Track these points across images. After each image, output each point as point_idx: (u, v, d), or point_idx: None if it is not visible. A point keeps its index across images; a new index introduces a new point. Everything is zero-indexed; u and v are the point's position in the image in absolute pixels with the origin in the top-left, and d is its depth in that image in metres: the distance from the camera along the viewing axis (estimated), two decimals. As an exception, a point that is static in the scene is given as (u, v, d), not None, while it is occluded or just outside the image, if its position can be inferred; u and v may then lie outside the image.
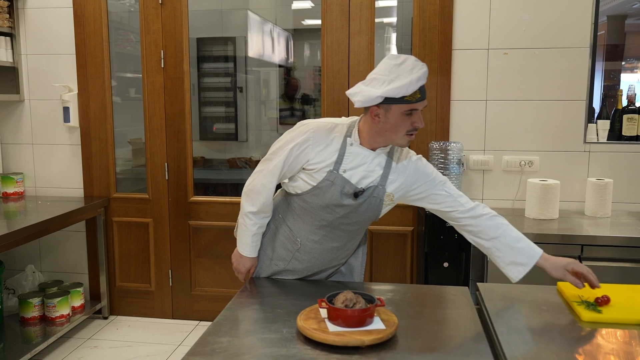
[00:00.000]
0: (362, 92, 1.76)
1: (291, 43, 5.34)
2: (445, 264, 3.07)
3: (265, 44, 5.08)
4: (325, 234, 1.96)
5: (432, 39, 3.18)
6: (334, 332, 1.53)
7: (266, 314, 1.77)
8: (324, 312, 1.63)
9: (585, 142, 3.15)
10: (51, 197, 3.59)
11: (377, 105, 1.76)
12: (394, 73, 1.73)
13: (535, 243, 2.68)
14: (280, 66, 5.13)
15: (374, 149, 1.87)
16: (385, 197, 1.89)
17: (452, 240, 3.02)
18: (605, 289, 1.80)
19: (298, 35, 5.25)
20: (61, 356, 3.15)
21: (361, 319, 1.56)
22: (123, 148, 4.03)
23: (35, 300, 3.31)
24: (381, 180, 1.88)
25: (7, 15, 3.42)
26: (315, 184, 1.87)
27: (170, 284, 3.63)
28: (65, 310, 3.35)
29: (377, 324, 1.57)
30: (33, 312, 3.31)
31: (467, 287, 1.97)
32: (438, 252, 3.06)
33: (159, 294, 3.65)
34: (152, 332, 3.48)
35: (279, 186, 2.05)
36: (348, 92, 1.82)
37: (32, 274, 3.58)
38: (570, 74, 3.10)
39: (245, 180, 2.00)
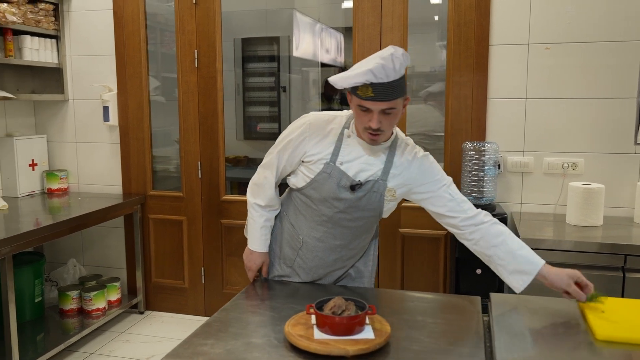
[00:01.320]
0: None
1: (342, 42, 5.27)
2: (478, 271, 2.92)
3: (311, 44, 5.04)
4: (327, 230, 1.90)
5: (467, 34, 3.03)
6: (318, 339, 1.46)
7: (260, 318, 1.72)
8: (314, 319, 1.57)
9: (636, 143, 2.89)
10: (92, 194, 3.71)
11: (349, 92, 1.73)
12: (362, 62, 1.66)
13: (574, 252, 2.53)
14: (328, 65, 5.07)
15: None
16: (386, 192, 1.82)
17: (485, 246, 2.85)
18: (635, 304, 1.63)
19: (350, 34, 5.17)
20: (94, 348, 3.24)
21: (349, 327, 1.48)
22: (169, 147, 4.12)
23: (74, 293, 3.43)
24: (382, 175, 1.81)
25: (53, 19, 3.56)
26: (312, 177, 1.84)
27: (203, 282, 3.66)
28: (101, 304, 3.45)
29: (366, 333, 1.49)
30: (71, 305, 3.43)
31: (479, 297, 1.84)
32: (470, 258, 2.87)
33: (192, 291, 3.69)
34: (184, 328, 3.52)
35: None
36: None
37: (73, 267, 3.72)
38: (620, 70, 2.86)
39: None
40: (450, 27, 3.06)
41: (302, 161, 1.87)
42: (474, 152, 2.96)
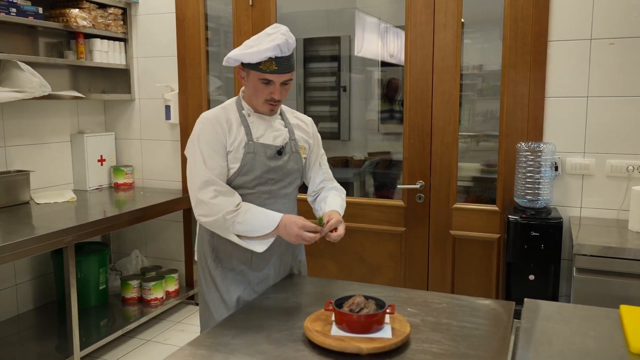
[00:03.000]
0: (230, 53, 1.88)
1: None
2: (531, 277, 2.79)
3: (372, 43, 5.02)
4: (272, 207, 1.92)
5: (524, 29, 2.90)
6: (334, 336, 1.46)
7: (287, 311, 1.74)
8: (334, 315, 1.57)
9: None
10: (155, 189, 3.89)
11: (242, 68, 1.87)
12: (259, 40, 1.81)
13: (636, 260, 2.36)
14: (390, 65, 5.03)
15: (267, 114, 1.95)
16: (300, 149, 2.01)
17: (538, 250, 2.73)
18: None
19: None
20: (151, 335, 3.40)
21: (366, 325, 1.47)
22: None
23: (134, 283, 3.62)
24: (290, 135, 1.99)
25: (121, 22, 3.77)
26: (240, 163, 1.88)
27: (256, 277, 3.74)
28: (159, 294, 3.61)
29: (384, 333, 1.48)
30: (132, 293, 3.62)
31: (513, 303, 1.77)
32: (522, 263, 2.79)
33: (245, 286, 3.78)
34: (236, 321, 3.61)
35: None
36: None
37: (136, 258, 3.92)
38: (693, 65, 2.65)
39: (344, 179, 2.08)
40: (507, 23, 2.95)
41: (228, 151, 1.88)
42: (529, 153, 2.84)
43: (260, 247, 1.84)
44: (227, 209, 1.80)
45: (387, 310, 1.50)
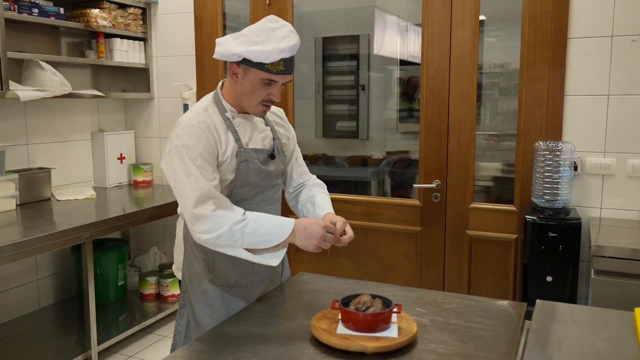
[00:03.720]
0: (225, 44, 1.71)
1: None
2: (549, 278, 2.75)
3: (391, 41, 4.99)
4: (269, 212, 1.79)
5: (543, 26, 2.85)
6: (340, 334, 1.46)
7: (294, 308, 1.74)
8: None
9: None
10: (173, 187, 3.92)
11: (238, 64, 1.70)
12: (263, 35, 1.66)
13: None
14: (409, 63, 5.00)
15: (249, 113, 1.82)
16: (284, 147, 1.93)
17: (556, 251, 2.69)
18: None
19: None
20: (167, 332, 3.44)
21: (373, 324, 1.46)
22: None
23: (152, 279, 3.67)
24: (274, 134, 1.89)
25: (141, 22, 3.82)
26: (234, 174, 1.74)
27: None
28: (177, 290, 3.65)
29: (390, 332, 1.47)
30: (150, 289, 3.66)
31: (524, 304, 1.75)
32: (540, 264, 2.74)
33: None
34: (252, 319, 3.63)
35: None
36: (217, 40, 1.77)
37: (154, 255, 3.97)
38: None
39: (362, 178, 2.04)
40: (525, 19, 2.90)
41: (218, 162, 1.72)
42: (547, 152, 2.79)
43: (274, 260, 1.65)
44: (234, 219, 1.60)
45: (394, 310, 1.49)
